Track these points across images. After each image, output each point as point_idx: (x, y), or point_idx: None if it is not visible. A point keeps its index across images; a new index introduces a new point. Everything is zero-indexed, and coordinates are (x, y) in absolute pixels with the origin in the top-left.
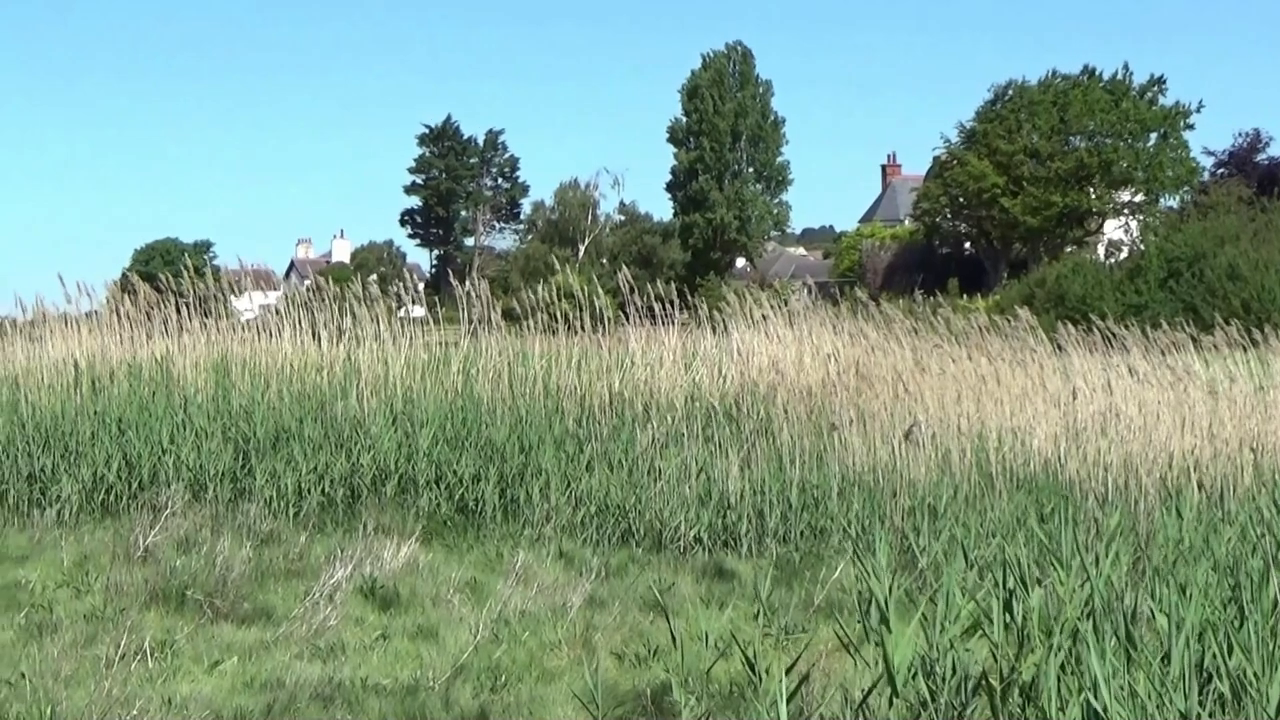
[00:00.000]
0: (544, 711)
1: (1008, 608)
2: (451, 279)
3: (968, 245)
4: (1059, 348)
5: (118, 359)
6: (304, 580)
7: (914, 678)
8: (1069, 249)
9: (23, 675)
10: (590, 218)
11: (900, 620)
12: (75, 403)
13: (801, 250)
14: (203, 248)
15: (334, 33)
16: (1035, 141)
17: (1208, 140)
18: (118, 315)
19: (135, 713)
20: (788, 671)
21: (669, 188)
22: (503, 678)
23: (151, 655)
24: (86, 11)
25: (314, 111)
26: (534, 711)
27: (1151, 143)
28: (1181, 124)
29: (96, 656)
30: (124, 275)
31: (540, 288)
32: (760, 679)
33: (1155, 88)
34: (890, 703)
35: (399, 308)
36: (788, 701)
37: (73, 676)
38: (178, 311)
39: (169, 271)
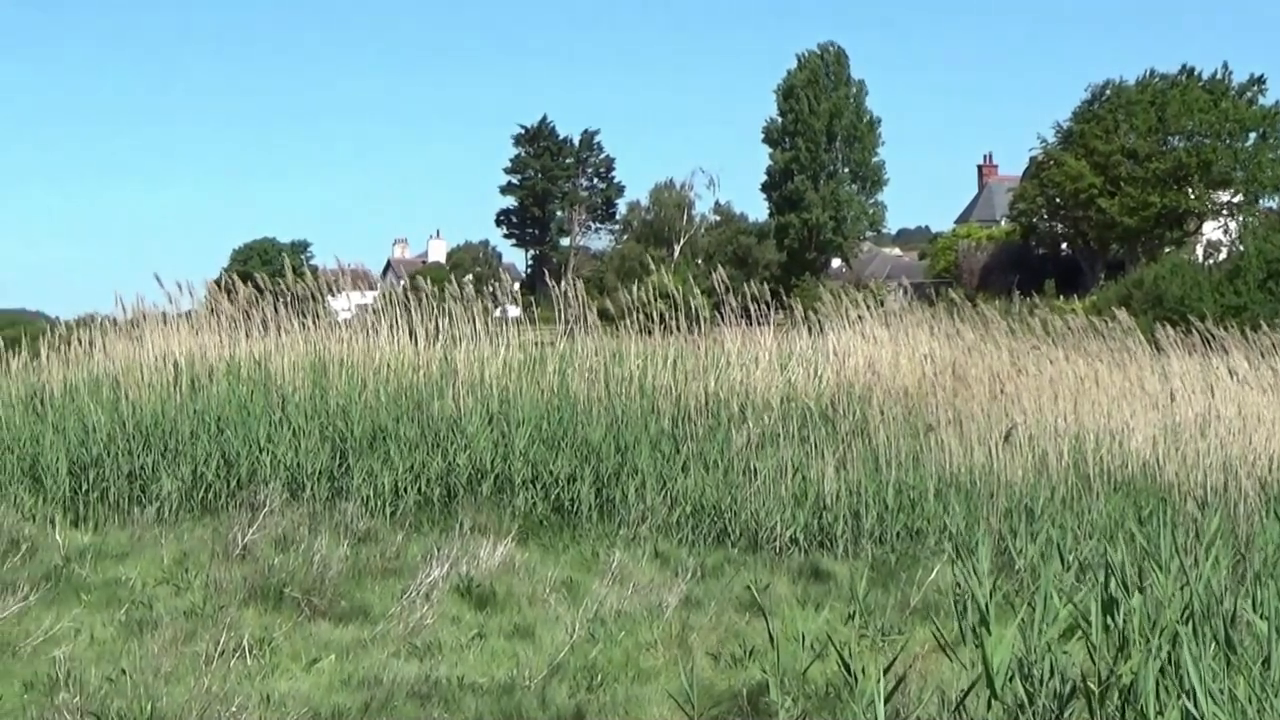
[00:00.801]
0: (640, 711)
1: (1107, 610)
2: (547, 279)
3: (1064, 246)
4: (1157, 349)
5: (216, 358)
6: (401, 579)
7: (1011, 680)
8: (1167, 250)
9: (123, 671)
10: (685, 218)
11: (998, 622)
12: (175, 401)
13: (897, 251)
14: (300, 247)
15: (430, 33)
16: (1133, 141)
17: None
18: (216, 314)
19: (234, 709)
20: (884, 673)
21: (764, 188)
22: (599, 677)
23: (250, 652)
24: (173, 10)
25: (410, 112)
26: (629, 711)
27: (1251, 142)
28: None
29: (196, 653)
30: (222, 274)
31: (636, 288)
32: (856, 680)
33: (1255, 87)
34: (988, 705)
35: (495, 308)
36: (885, 703)
37: (172, 673)
38: (275, 311)
39: (267, 271)
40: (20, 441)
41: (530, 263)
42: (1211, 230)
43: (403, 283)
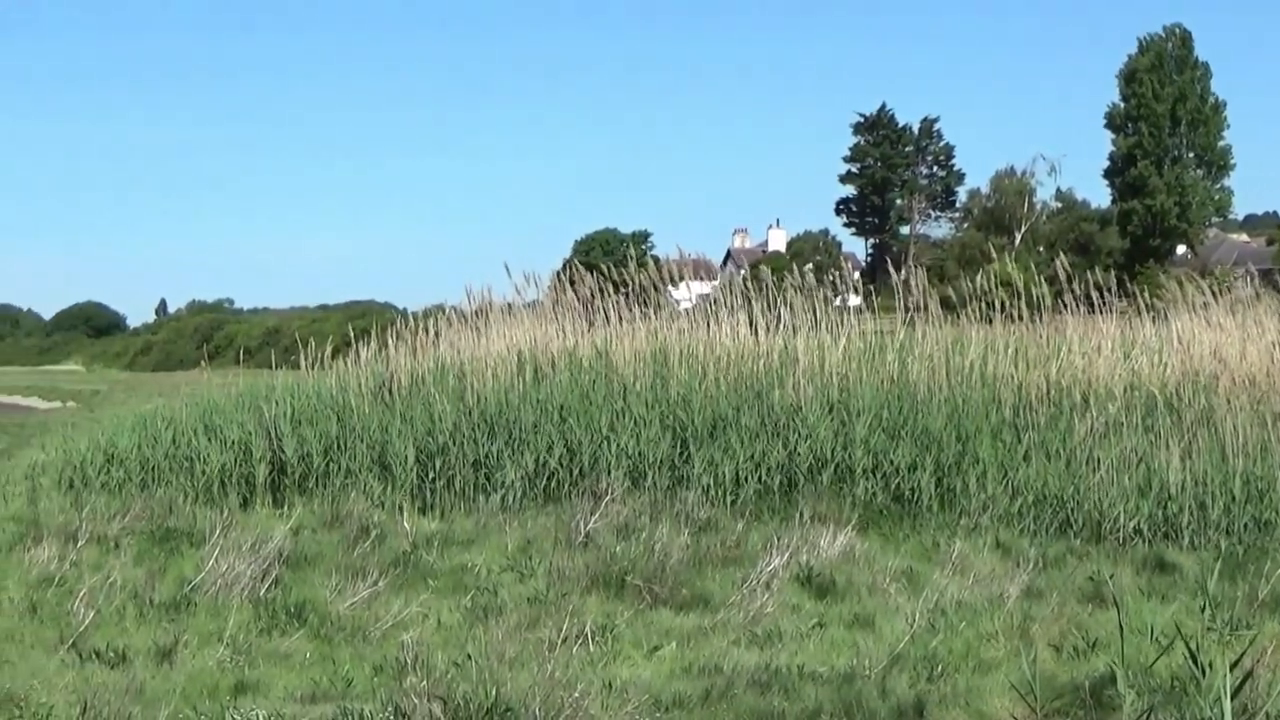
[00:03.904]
0: (981, 703)
1: None
2: (888, 267)
3: None
4: None
5: (558, 348)
6: (741, 567)
7: None
8: None
9: (469, 656)
10: (1026, 205)
11: None
12: (518, 391)
13: (1244, 237)
14: (641, 238)
15: (770, 23)
16: None
17: None
18: (559, 305)
19: (576, 695)
20: (1232, 667)
21: (1107, 174)
22: (939, 668)
23: (592, 639)
24: (521, 16)
25: (749, 101)
26: (970, 702)
27: None
28: None
29: (539, 639)
30: (566, 264)
31: (978, 276)
32: (1204, 674)
33: None
34: None
35: (835, 296)
36: (1232, 698)
37: (516, 659)
38: (617, 300)
39: (609, 261)
40: (369, 430)
41: (870, 251)
42: None
43: (743, 272)
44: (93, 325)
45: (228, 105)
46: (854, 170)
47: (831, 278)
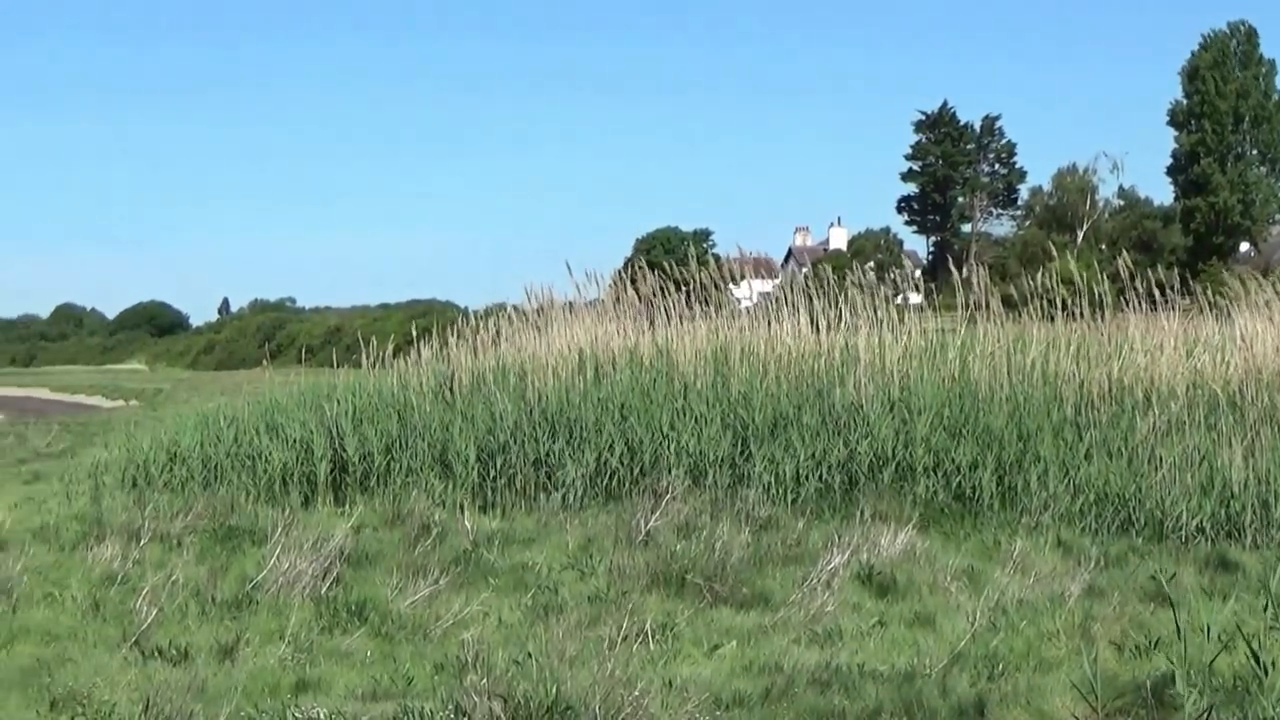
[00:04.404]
0: (1042, 701)
1: None
2: (949, 265)
3: None
4: None
5: (619, 346)
6: (801, 566)
7: None
8: None
9: (529, 655)
10: (1089, 203)
11: None
12: (579, 389)
13: None
14: (702, 236)
15: (833, 21)
16: None
17: None
18: (620, 303)
19: (637, 694)
20: None
21: (1169, 171)
22: (1000, 666)
23: (652, 638)
24: (580, 14)
25: (810, 100)
26: (1031, 701)
27: None
28: None
29: (599, 638)
30: (627, 263)
31: (1039, 274)
32: (1266, 673)
33: None
34: None
35: (896, 295)
36: None
37: (577, 657)
38: (678, 298)
39: (670, 259)
40: (431, 429)
41: (931, 249)
42: None
43: (804, 270)
44: (156, 324)
45: (292, 104)
46: (915, 168)
47: (893, 276)
